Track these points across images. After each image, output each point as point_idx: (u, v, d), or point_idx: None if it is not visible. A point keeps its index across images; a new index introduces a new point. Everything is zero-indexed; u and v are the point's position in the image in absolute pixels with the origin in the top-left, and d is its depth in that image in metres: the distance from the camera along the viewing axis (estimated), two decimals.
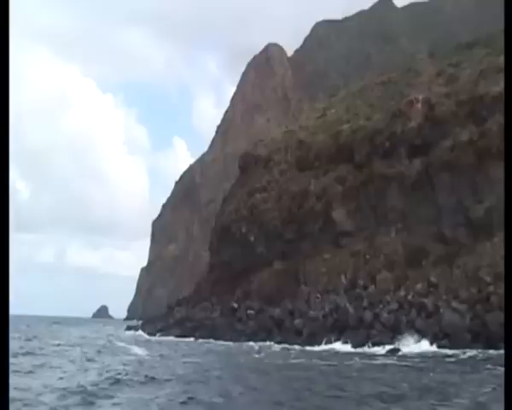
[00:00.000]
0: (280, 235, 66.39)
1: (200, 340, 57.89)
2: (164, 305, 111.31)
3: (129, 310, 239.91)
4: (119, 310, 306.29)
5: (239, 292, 65.07)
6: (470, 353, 37.49)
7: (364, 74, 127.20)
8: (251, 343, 50.92)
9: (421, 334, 44.63)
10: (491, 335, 41.54)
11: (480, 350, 39.08)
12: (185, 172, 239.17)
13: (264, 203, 70.17)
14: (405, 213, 57.55)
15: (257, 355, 38.16)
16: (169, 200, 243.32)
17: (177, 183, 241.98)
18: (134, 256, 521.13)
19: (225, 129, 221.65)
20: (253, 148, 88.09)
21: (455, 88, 61.65)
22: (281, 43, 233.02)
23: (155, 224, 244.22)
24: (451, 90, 61.40)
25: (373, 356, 37.18)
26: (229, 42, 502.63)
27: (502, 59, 60.18)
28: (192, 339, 59.25)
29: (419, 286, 50.16)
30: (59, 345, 45.89)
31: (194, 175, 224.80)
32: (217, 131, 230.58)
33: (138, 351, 41.01)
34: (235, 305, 63.02)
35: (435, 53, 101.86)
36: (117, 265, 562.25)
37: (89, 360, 31.69)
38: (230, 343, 52.05)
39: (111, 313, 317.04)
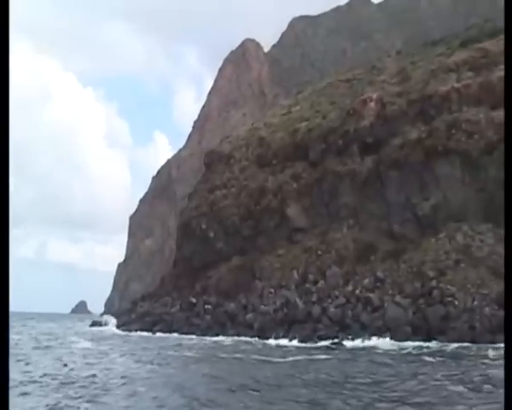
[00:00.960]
0: (238, 231, 67.58)
1: (158, 334, 59.07)
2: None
3: (106, 305, 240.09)
4: (99, 305, 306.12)
5: (198, 287, 66.07)
6: (410, 347, 38.71)
7: (339, 70, 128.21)
8: (204, 337, 52.34)
9: (366, 328, 46.31)
10: (430, 328, 43.32)
11: (420, 343, 40.69)
12: (162, 167, 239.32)
13: (224, 200, 71.19)
14: (357, 210, 58.90)
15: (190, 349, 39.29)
16: (146, 195, 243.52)
17: (154, 178, 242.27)
18: (115, 251, 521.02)
19: (202, 124, 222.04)
20: (219, 144, 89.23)
21: (407, 87, 63.00)
22: (259, 39, 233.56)
23: (133, 218, 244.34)
24: (403, 90, 62.76)
25: (311, 350, 38.40)
26: (210, 36, 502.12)
27: (453, 59, 61.80)
28: (150, 333, 60.42)
29: (366, 281, 51.56)
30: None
31: (171, 170, 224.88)
32: (194, 126, 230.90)
33: (86, 345, 42.17)
34: (194, 300, 64.05)
35: (402, 51, 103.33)
36: (98, 259, 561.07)
37: (24, 354, 32.64)
38: (185, 337, 53.31)
39: (90, 308, 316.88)
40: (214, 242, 69.34)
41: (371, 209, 57.76)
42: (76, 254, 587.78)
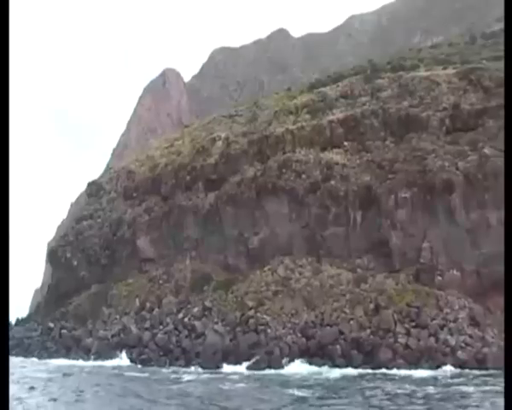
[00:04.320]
0: (98, 260, 70.85)
1: (12, 357, 62.23)
2: None
3: None
4: None
5: (58, 313, 68.74)
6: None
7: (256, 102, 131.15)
8: (49, 360, 56.79)
9: (186, 353, 50.27)
10: (240, 354, 47.28)
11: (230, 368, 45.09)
12: (81, 194, 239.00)
13: (89, 230, 74.34)
14: (199, 242, 62.76)
15: None
16: (64, 221, 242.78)
17: (72, 204, 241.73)
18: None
19: (120, 152, 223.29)
20: (101, 175, 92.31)
21: (252, 127, 67.32)
22: (180, 68, 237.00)
23: (50, 245, 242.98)
24: (248, 130, 67.04)
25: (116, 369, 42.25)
26: (140, 62, 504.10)
27: (295, 101, 66.45)
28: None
29: (196, 310, 55.29)
30: None
31: None
32: (112, 154, 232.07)
33: None
34: (52, 325, 66.86)
35: (292, 89, 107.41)
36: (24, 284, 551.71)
37: None
38: (32, 361, 57.42)
39: None
40: (78, 270, 72.38)
41: (211, 242, 61.62)
42: None
